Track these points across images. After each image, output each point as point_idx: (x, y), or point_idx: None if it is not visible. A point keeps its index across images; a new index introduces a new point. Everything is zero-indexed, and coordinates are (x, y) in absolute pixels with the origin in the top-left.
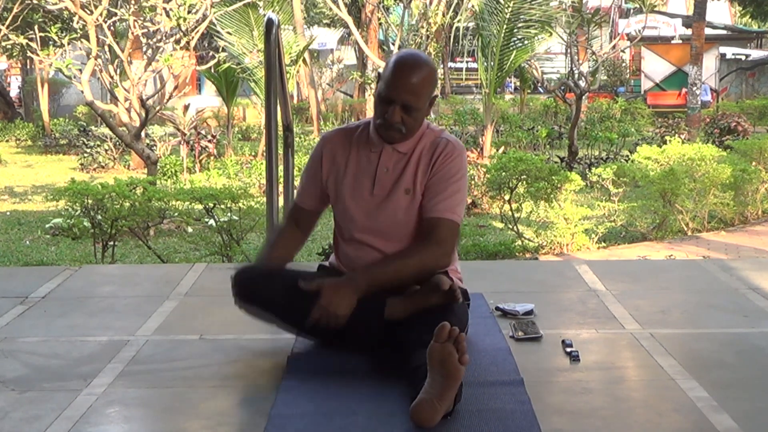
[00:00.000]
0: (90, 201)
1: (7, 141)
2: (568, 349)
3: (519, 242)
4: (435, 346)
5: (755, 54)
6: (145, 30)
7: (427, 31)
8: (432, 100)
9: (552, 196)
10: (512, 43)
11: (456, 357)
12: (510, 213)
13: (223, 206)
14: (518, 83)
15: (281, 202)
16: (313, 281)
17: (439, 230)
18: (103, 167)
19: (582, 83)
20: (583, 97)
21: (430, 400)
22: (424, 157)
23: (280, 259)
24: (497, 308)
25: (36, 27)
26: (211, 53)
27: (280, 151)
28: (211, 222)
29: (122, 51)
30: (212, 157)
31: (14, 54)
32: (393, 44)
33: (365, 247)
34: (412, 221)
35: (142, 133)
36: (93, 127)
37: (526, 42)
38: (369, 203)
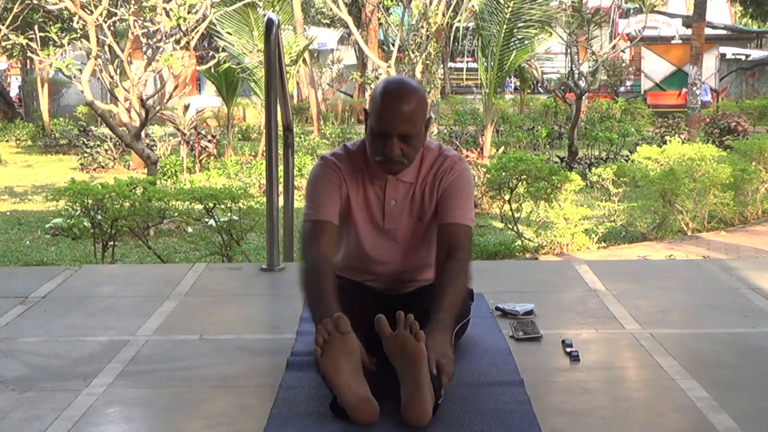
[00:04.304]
0: (90, 201)
1: (7, 141)
2: (568, 349)
3: (519, 242)
4: (387, 341)
5: (755, 54)
6: (145, 30)
7: (427, 31)
8: (427, 122)
9: (552, 196)
10: (512, 43)
11: (412, 337)
12: (510, 213)
13: (223, 206)
14: (518, 83)
15: (281, 202)
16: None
17: (463, 237)
18: (103, 167)
19: (582, 83)
20: (583, 97)
21: (411, 396)
22: (429, 181)
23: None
24: (497, 308)
25: (36, 27)
26: (211, 53)
27: (280, 151)
28: (211, 222)
29: (122, 51)
30: (212, 157)
31: (14, 54)
32: (393, 44)
33: (377, 270)
34: (430, 243)
35: (142, 133)
36: (93, 127)
37: (526, 42)
38: (381, 236)
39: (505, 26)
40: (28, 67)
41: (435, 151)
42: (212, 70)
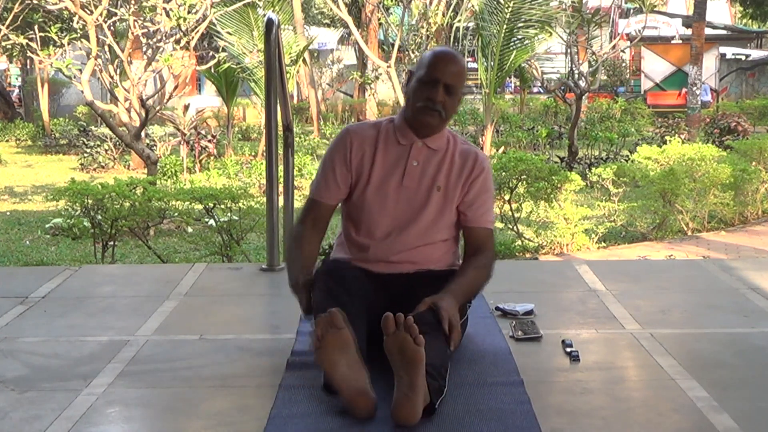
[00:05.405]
0: (90, 201)
1: (7, 141)
2: (568, 349)
3: (519, 242)
4: (388, 340)
5: (755, 54)
6: (145, 30)
7: (427, 31)
8: (462, 94)
9: (552, 196)
10: (512, 43)
11: (411, 340)
12: (510, 213)
13: (223, 206)
14: (518, 83)
15: (281, 202)
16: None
17: (489, 239)
18: (103, 167)
19: (582, 83)
20: (583, 97)
21: (404, 396)
22: (456, 161)
23: (308, 268)
24: (497, 308)
25: (36, 27)
26: (211, 53)
27: (280, 151)
28: (211, 222)
29: (122, 51)
30: (212, 157)
31: (14, 54)
32: (393, 44)
33: (387, 241)
34: (440, 220)
35: (142, 133)
36: (93, 127)
37: (526, 42)
38: (398, 195)
39: (505, 26)
40: (28, 67)
41: (459, 138)
42: (212, 70)
